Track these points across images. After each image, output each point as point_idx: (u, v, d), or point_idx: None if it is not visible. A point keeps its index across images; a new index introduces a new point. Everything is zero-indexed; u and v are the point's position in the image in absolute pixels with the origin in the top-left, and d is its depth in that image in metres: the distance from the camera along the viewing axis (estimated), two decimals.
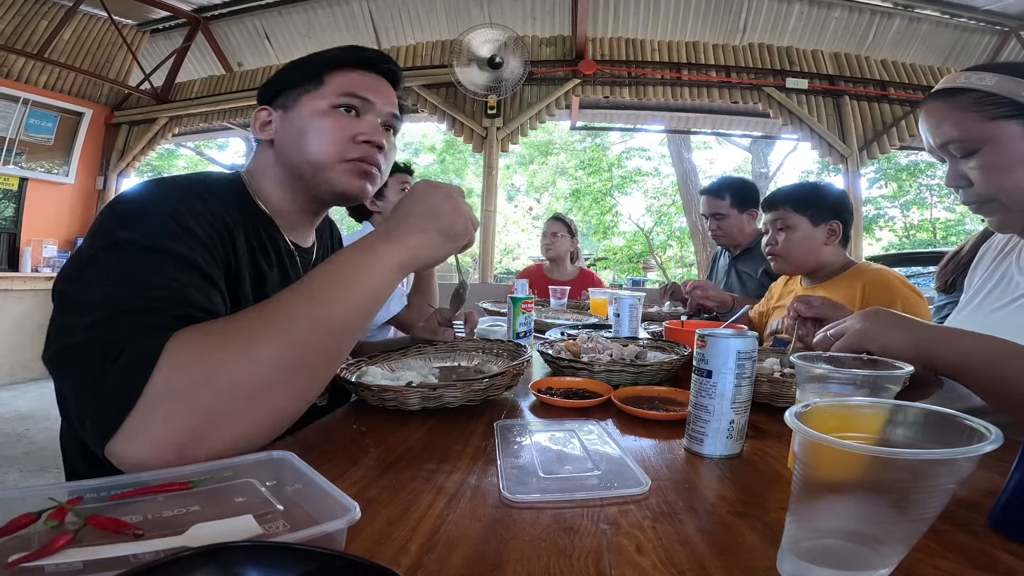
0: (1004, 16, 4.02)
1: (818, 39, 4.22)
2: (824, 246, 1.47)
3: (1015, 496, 0.44)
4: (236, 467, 0.47)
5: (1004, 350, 0.66)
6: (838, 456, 0.33)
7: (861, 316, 0.74)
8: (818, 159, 3.82)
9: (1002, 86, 0.76)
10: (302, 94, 0.82)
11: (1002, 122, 0.75)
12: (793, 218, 1.47)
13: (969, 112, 0.78)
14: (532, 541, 0.43)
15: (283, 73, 0.86)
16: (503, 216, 12.88)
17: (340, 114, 0.82)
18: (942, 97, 0.81)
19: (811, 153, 4.17)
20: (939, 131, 0.81)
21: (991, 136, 0.76)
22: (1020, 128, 0.75)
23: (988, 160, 0.77)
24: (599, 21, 4.24)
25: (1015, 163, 0.76)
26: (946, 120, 0.80)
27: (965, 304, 0.96)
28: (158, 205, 0.64)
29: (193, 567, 0.25)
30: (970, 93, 0.78)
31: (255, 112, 0.85)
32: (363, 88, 0.83)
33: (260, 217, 0.82)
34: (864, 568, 0.35)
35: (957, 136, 0.79)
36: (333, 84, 0.83)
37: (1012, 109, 0.75)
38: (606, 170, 12.28)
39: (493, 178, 4.28)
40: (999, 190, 0.78)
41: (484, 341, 1.11)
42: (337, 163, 0.81)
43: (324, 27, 4.67)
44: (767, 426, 0.74)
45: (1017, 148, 0.75)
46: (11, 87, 4.43)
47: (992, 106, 0.76)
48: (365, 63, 0.86)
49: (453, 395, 0.76)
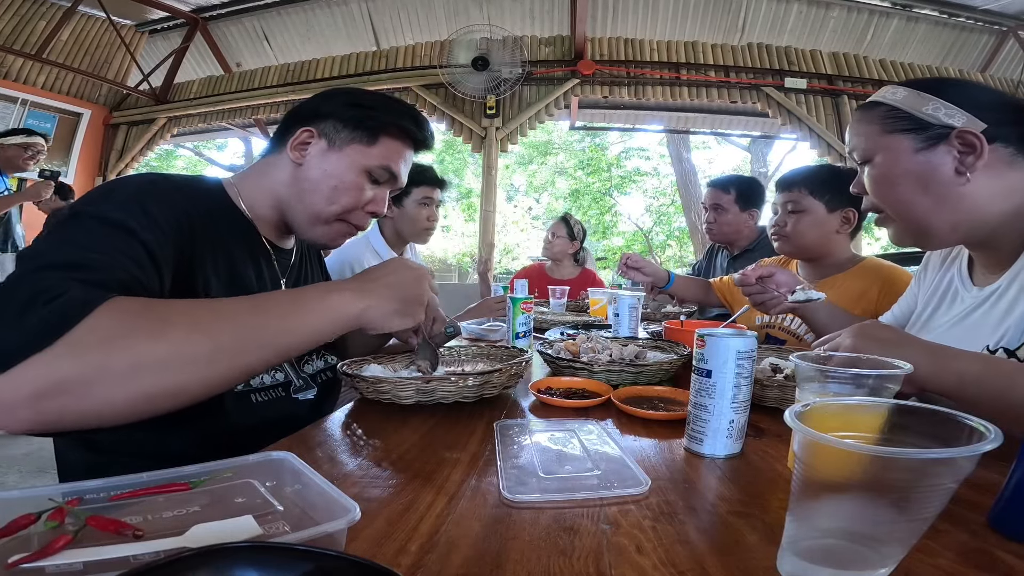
0: (1002, 16, 4.03)
1: (817, 39, 4.23)
2: (836, 234, 1.39)
3: (1015, 496, 0.44)
4: (236, 467, 0.47)
5: (995, 368, 0.65)
6: (838, 456, 0.33)
7: (852, 334, 0.72)
8: (817, 159, 3.82)
9: (906, 101, 0.77)
10: (354, 141, 0.84)
11: (897, 135, 0.77)
12: (807, 201, 1.38)
13: (874, 124, 0.80)
14: (532, 541, 0.43)
15: (345, 107, 0.85)
16: (502, 216, 12.88)
17: (367, 180, 0.86)
18: (862, 108, 0.84)
19: (810, 153, 4.17)
20: (849, 137, 0.85)
21: (884, 148, 0.79)
22: (911, 143, 0.76)
23: (878, 171, 0.80)
24: (598, 21, 4.24)
25: (900, 176, 0.77)
26: (854, 129, 0.84)
27: (915, 320, 0.94)
28: (125, 187, 0.67)
29: (193, 568, 0.25)
30: (881, 106, 0.80)
31: (298, 130, 0.83)
32: (399, 163, 0.89)
33: (240, 218, 0.83)
34: (864, 568, 0.35)
35: (857, 144, 0.83)
36: (382, 148, 0.86)
37: (909, 123, 0.76)
38: (605, 170, 12.30)
39: (492, 178, 4.28)
40: (885, 201, 0.81)
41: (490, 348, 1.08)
42: (336, 220, 0.86)
43: (323, 28, 4.68)
44: (767, 426, 0.74)
45: (902, 162, 0.77)
46: (10, 87, 4.43)
47: (893, 119, 0.78)
48: (413, 138, 0.90)
49: (447, 389, 0.77)
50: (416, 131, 0.89)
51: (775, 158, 10.63)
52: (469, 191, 12.24)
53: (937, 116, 0.74)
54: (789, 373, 0.86)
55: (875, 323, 0.76)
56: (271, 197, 0.85)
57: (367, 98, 0.87)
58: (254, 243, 0.85)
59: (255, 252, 0.84)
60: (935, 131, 0.74)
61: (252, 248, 0.84)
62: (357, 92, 0.89)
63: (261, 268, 0.85)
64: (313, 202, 0.83)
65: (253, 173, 0.87)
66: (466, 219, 12.70)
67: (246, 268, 0.81)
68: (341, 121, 0.84)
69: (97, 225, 0.60)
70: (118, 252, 0.59)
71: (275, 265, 0.88)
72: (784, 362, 0.90)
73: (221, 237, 0.77)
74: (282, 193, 0.85)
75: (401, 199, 1.85)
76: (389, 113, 0.86)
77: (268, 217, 0.86)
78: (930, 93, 0.76)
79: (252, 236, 0.85)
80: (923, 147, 0.75)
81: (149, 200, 0.65)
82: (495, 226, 4.50)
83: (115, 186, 0.67)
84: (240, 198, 0.84)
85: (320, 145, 0.83)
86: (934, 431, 0.38)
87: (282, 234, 0.91)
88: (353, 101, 0.86)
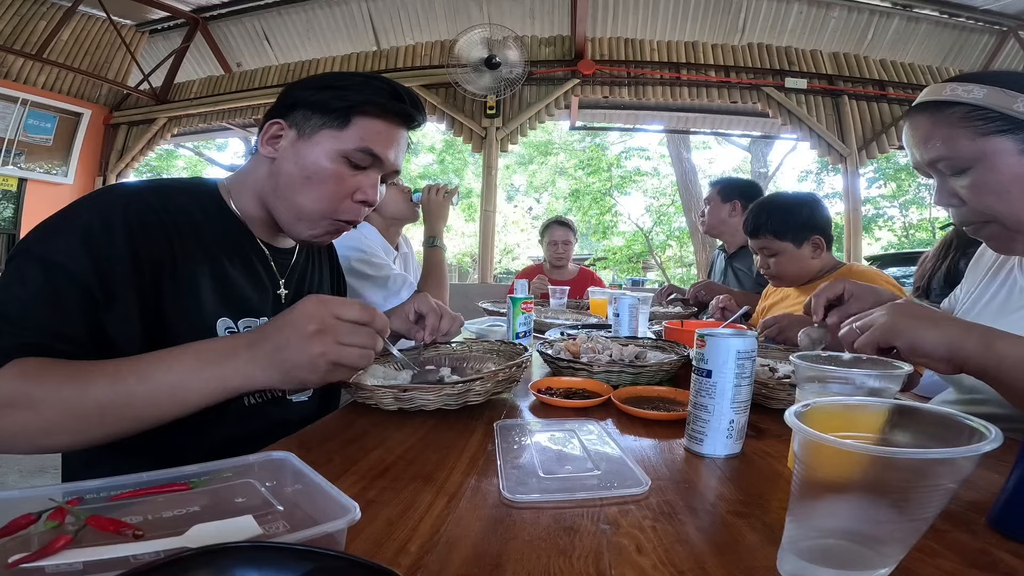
0: (1003, 16, 4.03)
1: (817, 39, 4.23)
2: (812, 260, 1.51)
3: (1015, 496, 0.44)
4: (236, 468, 0.47)
5: None
6: (838, 456, 0.33)
7: (888, 309, 0.68)
8: (817, 159, 3.83)
9: (992, 99, 0.70)
10: (324, 127, 0.79)
11: (994, 138, 0.70)
12: (776, 244, 1.51)
13: (958, 128, 0.72)
14: (532, 541, 0.43)
15: (311, 91, 0.80)
16: (503, 216, 12.89)
17: (347, 167, 0.80)
18: (928, 111, 0.76)
19: (810, 153, 4.18)
20: (927, 148, 0.76)
21: (983, 154, 0.71)
22: (1013, 144, 0.70)
23: (981, 179, 0.72)
24: (598, 21, 4.24)
25: (1010, 182, 0.71)
26: (933, 136, 0.75)
27: (965, 313, 0.92)
28: (72, 222, 0.65)
29: (193, 568, 0.25)
30: (958, 107, 0.73)
31: (267, 123, 0.80)
32: (382, 144, 0.81)
33: (230, 220, 0.81)
34: (864, 568, 0.35)
35: (947, 154, 0.74)
36: (357, 130, 0.79)
37: (1004, 124, 0.70)
38: (605, 170, 12.30)
39: (492, 178, 4.28)
40: (994, 211, 0.73)
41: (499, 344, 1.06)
42: (322, 219, 0.81)
43: (323, 27, 4.67)
44: (767, 426, 0.74)
45: (1011, 166, 0.70)
46: (10, 87, 4.43)
47: (982, 121, 0.71)
48: (395, 113, 0.82)
49: (426, 398, 0.75)
50: (397, 105, 0.81)
51: (775, 158, 10.64)
52: (469, 191, 12.24)
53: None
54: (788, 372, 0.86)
55: (911, 301, 0.72)
56: (256, 196, 0.83)
57: (336, 79, 0.81)
58: (247, 245, 0.83)
59: (248, 254, 0.82)
60: None
61: (245, 251, 0.82)
62: (328, 75, 0.83)
63: (256, 270, 0.83)
64: (290, 197, 0.79)
65: (241, 173, 0.85)
66: (466, 219, 12.70)
67: (238, 272, 0.79)
68: (309, 107, 0.79)
69: (36, 270, 0.61)
70: (45, 304, 0.60)
71: (273, 266, 0.86)
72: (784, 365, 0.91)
73: (208, 243, 0.75)
74: (264, 191, 0.82)
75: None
76: (362, 91, 0.79)
77: (258, 217, 0.84)
78: (1011, 88, 0.70)
79: (245, 238, 0.83)
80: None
81: (95, 236, 0.63)
82: (495, 226, 4.50)
83: (63, 220, 0.65)
84: (231, 199, 0.82)
85: (291, 136, 0.79)
86: (934, 431, 0.38)
87: (277, 233, 0.88)
88: (321, 84, 0.80)
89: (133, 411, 0.58)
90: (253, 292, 0.81)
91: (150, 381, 0.58)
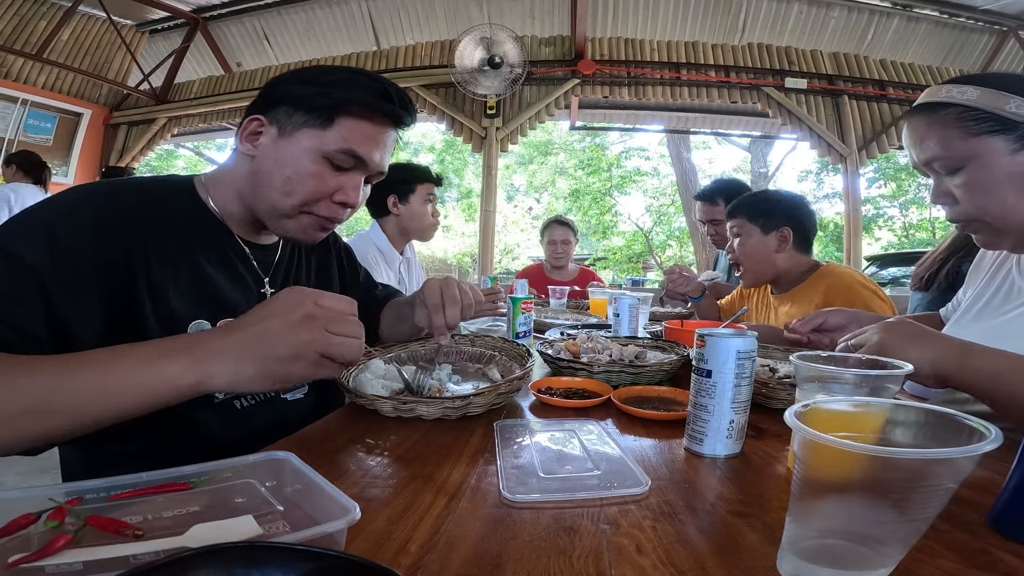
0: (1003, 16, 4.03)
1: (817, 39, 4.23)
2: (776, 253, 1.51)
3: (1015, 496, 0.44)
4: (236, 467, 0.47)
5: (1018, 366, 0.64)
6: (838, 456, 0.33)
7: (880, 329, 0.72)
8: (817, 159, 3.83)
9: (984, 100, 0.73)
10: (305, 125, 0.75)
11: (986, 138, 0.73)
12: (747, 226, 1.53)
13: (952, 128, 0.75)
14: (532, 541, 0.43)
15: (293, 86, 0.77)
16: (503, 216, 12.88)
17: (328, 167, 0.76)
18: (924, 112, 0.78)
19: (810, 153, 4.18)
20: (922, 148, 0.78)
21: (975, 153, 0.74)
22: (1004, 144, 0.72)
23: (972, 178, 0.75)
24: (598, 21, 4.24)
25: (1000, 181, 0.73)
26: (929, 136, 0.77)
27: (965, 312, 0.94)
28: (41, 215, 0.63)
29: (193, 567, 0.25)
30: (952, 108, 0.75)
31: (247, 119, 0.77)
32: (366, 146, 0.77)
33: (205, 216, 0.79)
34: (864, 568, 0.35)
35: (941, 153, 0.76)
36: (340, 130, 0.75)
37: (995, 124, 0.72)
38: (605, 170, 12.30)
39: (493, 178, 4.28)
40: (984, 209, 0.76)
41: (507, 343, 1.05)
42: (301, 214, 0.78)
43: (323, 27, 4.68)
44: (767, 426, 0.74)
45: (1002, 166, 0.73)
46: (10, 87, 4.43)
47: (975, 121, 0.73)
48: (383, 114, 0.78)
49: (427, 408, 0.73)
50: (385, 105, 0.77)
51: (775, 158, 10.64)
52: (469, 191, 12.24)
53: (1021, 113, 0.71)
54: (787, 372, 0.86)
55: (903, 320, 0.76)
56: (236, 193, 0.80)
57: (321, 75, 0.77)
58: (225, 243, 0.80)
59: (226, 252, 0.80)
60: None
61: (223, 248, 0.79)
62: (312, 70, 0.79)
63: (235, 268, 0.80)
64: (268, 195, 0.76)
65: (220, 170, 0.83)
66: (466, 219, 12.71)
67: (215, 269, 0.77)
68: (292, 104, 0.75)
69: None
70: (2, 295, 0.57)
71: (255, 264, 0.84)
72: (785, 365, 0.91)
73: (181, 242, 0.73)
74: (242, 188, 0.79)
75: (407, 196, 1.89)
76: (347, 89, 0.75)
77: (238, 214, 0.81)
78: (1004, 90, 0.73)
79: (222, 235, 0.80)
80: (1018, 147, 0.72)
81: (57, 229, 0.61)
82: (495, 226, 4.50)
83: (30, 214, 0.63)
84: (209, 197, 0.80)
85: (271, 133, 0.76)
86: (934, 431, 0.38)
87: (258, 230, 0.85)
88: (305, 80, 0.77)
89: (52, 407, 0.51)
90: (233, 291, 0.79)
91: (79, 376, 0.52)
